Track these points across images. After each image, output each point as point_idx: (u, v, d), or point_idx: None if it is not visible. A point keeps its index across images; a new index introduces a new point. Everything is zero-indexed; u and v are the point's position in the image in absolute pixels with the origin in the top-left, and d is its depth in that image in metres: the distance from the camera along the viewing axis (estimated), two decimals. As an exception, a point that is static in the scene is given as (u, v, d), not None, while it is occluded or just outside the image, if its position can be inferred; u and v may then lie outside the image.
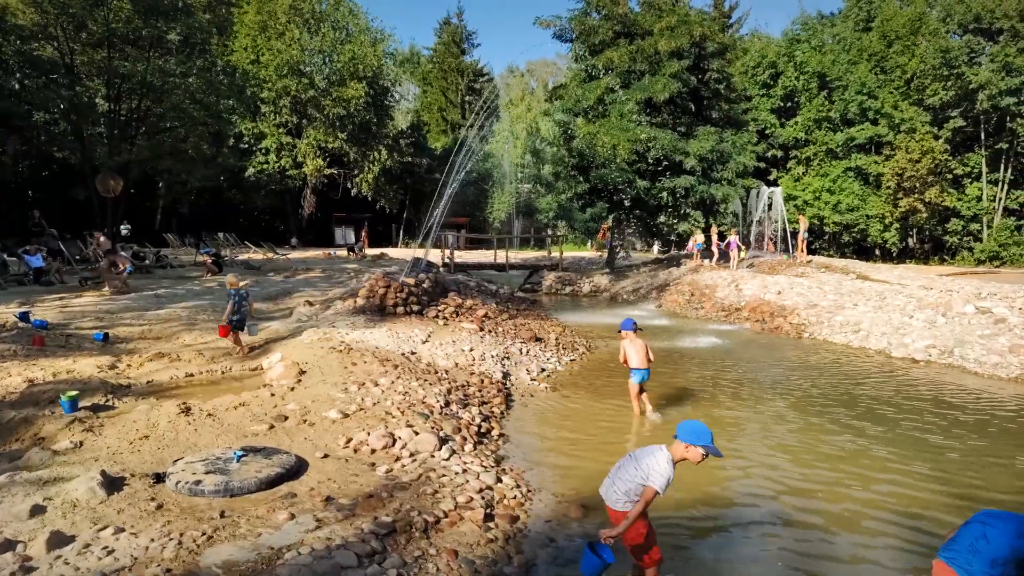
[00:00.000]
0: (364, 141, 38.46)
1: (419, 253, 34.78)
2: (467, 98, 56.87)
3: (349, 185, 39.59)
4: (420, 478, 5.60)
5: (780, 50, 43.21)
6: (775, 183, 40.88)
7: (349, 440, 6.33)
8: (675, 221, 23.35)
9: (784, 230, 23.25)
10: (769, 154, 41.61)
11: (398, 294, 12.71)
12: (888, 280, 17.88)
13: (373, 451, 6.18)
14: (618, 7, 21.18)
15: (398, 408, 7.20)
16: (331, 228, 41.89)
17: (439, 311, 12.81)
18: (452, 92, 57.00)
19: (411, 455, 6.14)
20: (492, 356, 10.38)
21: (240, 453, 5.68)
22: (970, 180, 39.07)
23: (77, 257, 20.27)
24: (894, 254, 41.27)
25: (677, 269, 21.83)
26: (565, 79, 34.98)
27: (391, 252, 34.73)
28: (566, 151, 21.32)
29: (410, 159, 40.70)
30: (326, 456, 6.00)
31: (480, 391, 8.57)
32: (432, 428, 6.72)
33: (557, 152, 22.12)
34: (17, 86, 22.31)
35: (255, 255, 28.17)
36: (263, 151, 36.84)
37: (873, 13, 43.43)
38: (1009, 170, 37.99)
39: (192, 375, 8.68)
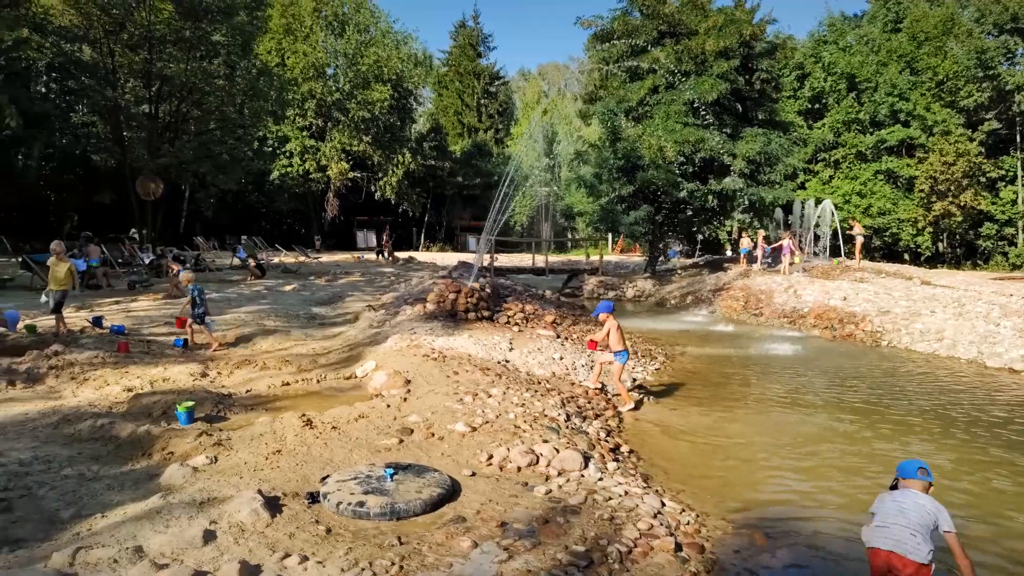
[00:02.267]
0: (388, 144, 38.19)
1: (448, 256, 34.51)
2: (483, 101, 56.58)
3: (372, 188, 39.32)
4: (586, 501, 5.24)
5: (807, 51, 42.84)
6: (803, 186, 40.59)
7: (490, 457, 5.98)
8: (721, 224, 22.95)
9: (836, 236, 22.89)
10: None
11: (468, 299, 12.36)
12: (952, 285, 17.50)
13: (518, 469, 5.83)
14: (664, 6, 20.85)
15: (524, 421, 6.86)
16: (353, 231, 41.62)
17: (509, 317, 12.46)
18: (468, 95, 56.65)
19: (559, 473, 5.79)
20: (582, 365, 10.03)
21: (391, 471, 5.34)
22: (1004, 183, 38.60)
23: (119, 260, 19.99)
24: (922, 259, 40.84)
25: (725, 274, 21.45)
26: (593, 81, 34.72)
27: (418, 255, 34.42)
28: (611, 153, 20.96)
29: (433, 162, 40.42)
30: (473, 474, 5.66)
31: (589, 402, 8.22)
32: (568, 444, 6.37)
33: (600, 154, 21.76)
34: (55, 87, 22.10)
35: (285, 258, 27.89)
36: (287, 154, 36.59)
37: (902, 14, 43.01)
38: (1044, 174, 37.56)
39: (288, 384, 8.35)
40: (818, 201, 38.35)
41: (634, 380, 10.10)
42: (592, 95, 25.44)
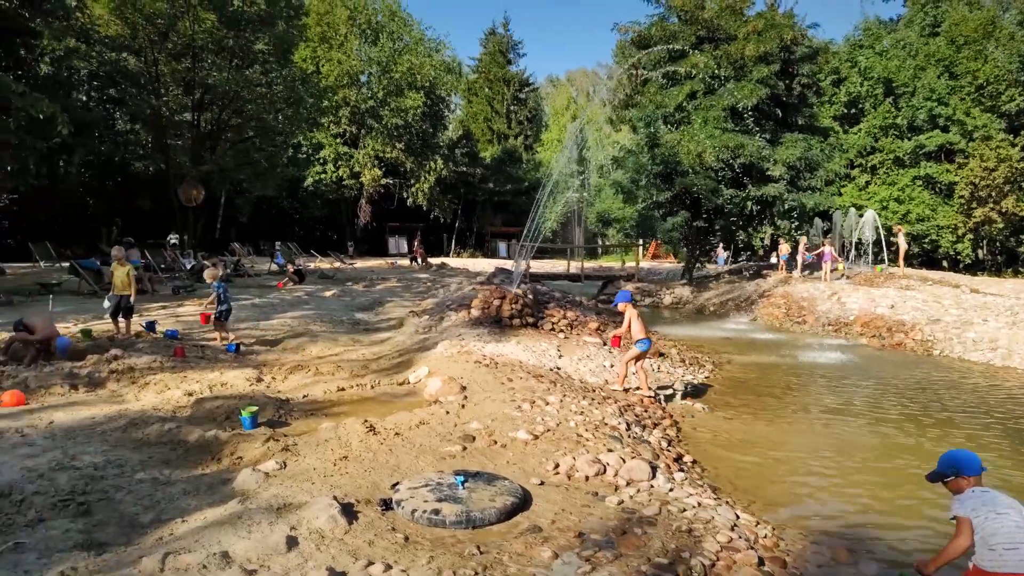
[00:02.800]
0: (420, 151, 38.43)
1: (479, 262, 34.57)
2: (512, 108, 56.72)
3: (404, 195, 39.58)
4: (661, 512, 5.14)
5: (842, 56, 42.25)
6: (839, 191, 39.96)
7: (557, 466, 5.91)
8: (756, 231, 22.67)
9: (879, 245, 22.46)
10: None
11: (513, 305, 12.32)
12: (1002, 293, 17.06)
13: (586, 478, 5.75)
14: (703, 11, 20.70)
15: (586, 430, 6.78)
16: (384, 237, 41.92)
17: (553, 324, 12.39)
18: (498, 102, 56.85)
19: (627, 483, 5.70)
20: (632, 373, 9.90)
21: (461, 479, 5.30)
22: (1047, 190, 37.59)
23: (162, 266, 20.32)
24: (960, 266, 39.92)
25: (764, 281, 21.16)
26: (623, 87, 34.60)
27: (449, 261, 34.53)
28: (649, 158, 20.82)
29: (464, 168, 40.59)
30: (542, 483, 5.59)
31: (646, 411, 8.11)
32: (633, 453, 6.28)
33: (637, 159, 21.63)
34: (95, 95, 22.59)
35: (321, 264, 28.15)
36: (321, 161, 36.98)
37: (940, 18, 42.23)
38: (1090, 179, 36.48)
39: (343, 389, 8.36)
40: (858, 208, 37.98)
41: (686, 386, 9.96)
42: (628, 101, 25.31)
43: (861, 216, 22.83)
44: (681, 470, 6.36)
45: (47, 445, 6.03)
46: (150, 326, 10.94)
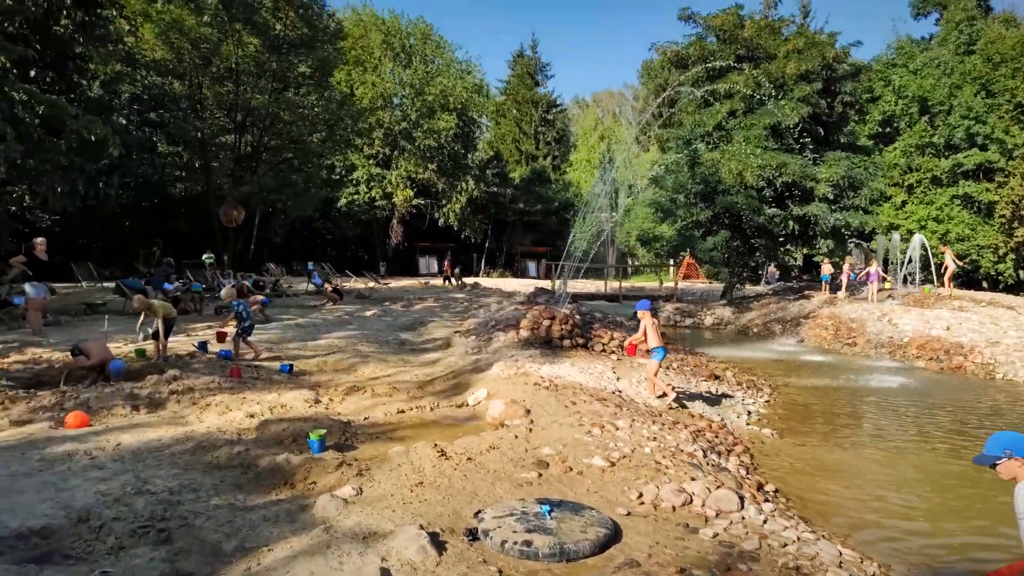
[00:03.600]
0: (451, 171, 38.61)
1: (510, 282, 34.35)
2: (540, 129, 56.89)
3: (436, 215, 39.71)
4: (761, 547, 4.87)
5: (876, 74, 41.78)
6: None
7: (640, 495, 5.67)
8: (794, 250, 22.26)
9: (928, 267, 21.98)
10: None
11: (563, 326, 12.12)
12: (1061, 315, 16.48)
13: (673, 508, 5.50)
14: (742, 30, 20.55)
15: (663, 456, 6.52)
16: (415, 257, 42.00)
17: (604, 345, 12.15)
18: (526, 123, 57.07)
19: (717, 514, 5.44)
20: (695, 396, 9.63)
21: (547, 508, 5.08)
22: (1092, 209, 36.59)
23: (203, 286, 20.44)
24: (1001, 286, 38.90)
25: (808, 301, 20.71)
26: (650, 107, 34.53)
27: (483, 281, 34.42)
28: (689, 177, 20.60)
29: (495, 189, 40.66)
30: (628, 513, 5.35)
31: (716, 436, 7.82)
32: (716, 482, 6.01)
33: (676, 178, 21.41)
34: (135, 119, 22.99)
35: (355, 284, 28.20)
36: (354, 182, 37.29)
37: (975, 36, 41.66)
38: None
39: (403, 412, 8.20)
40: (895, 227, 37.30)
41: (748, 413, 9.65)
42: (666, 120, 25.17)
43: (906, 240, 22.34)
44: (767, 500, 6.07)
45: (117, 468, 5.93)
46: (202, 346, 10.91)
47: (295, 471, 5.88)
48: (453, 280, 31.28)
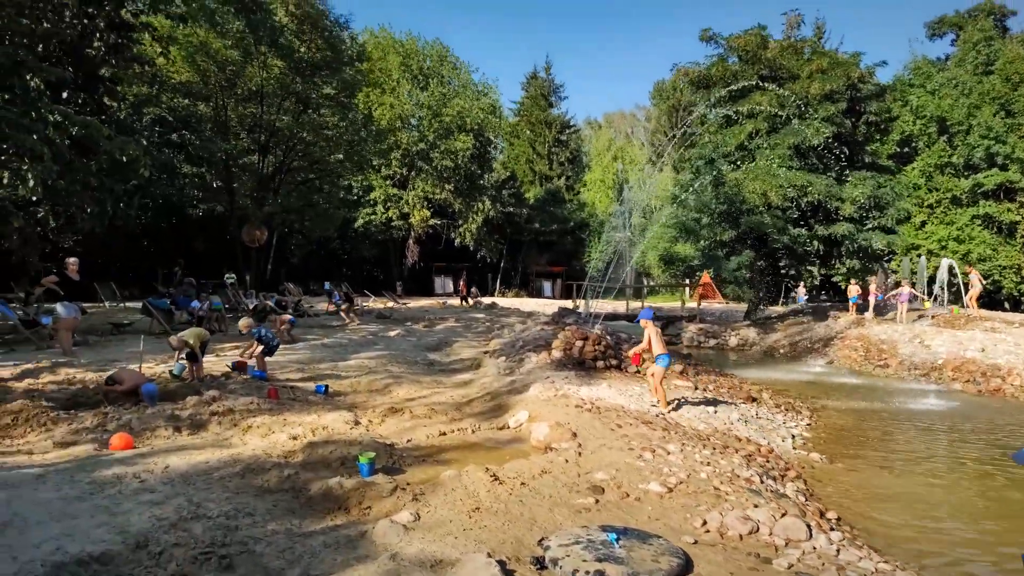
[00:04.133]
0: (467, 192, 38.74)
1: (526, 301, 34.19)
2: (554, 149, 57.13)
3: (452, 235, 39.78)
4: (841, 578, 4.71)
5: (896, 94, 41.72)
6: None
7: (704, 523, 5.51)
8: (822, 270, 22.05)
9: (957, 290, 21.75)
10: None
11: (596, 347, 11.99)
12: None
13: (740, 537, 5.34)
14: (766, 51, 20.57)
15: (720, 482, 6.36)
16: (431, 277, 42.03)
17: (638, 367, 11.98)
18: (540, 144, 57.33)
19: (786, 543, 5.28)
20: (738, 419, 9.46)
21: (613, 536, 4.93)
22: (1114, 228, 36.25)
23: (226, 306, 20.46)
24: (1023, 307, 38.40)
25: (834, 322, 20.46)
26: (661, 128, 34.51)
27: (499, 301, 34.34)
28: (713, 197, 20.53)
29: (511, 209, 40.73)
30: (695, 542, 5.19)
31: (767, 461, 7.64)
32: (780, 510, 5.84)
33: (699, 198, 21.34)
34: (156, 140, 23.19)
35: (374, 304, 28.19)
36: (371, 203, 37.47)
37: (992, 57, 41.58)
38: None
39: (444, 434, 8.08)
40: (915, 247, 37.02)
41: (792, 436, 9.45)
42: (688, 141, 25.18)
43: (931, 261, 22.11)
44: (833, 528, 5.90)
45: (169, 491, 5.83)
46: (235, 367, 10.85)
47: (349, 496, 5.75)
48: (470, 299, 31.23)
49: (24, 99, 12.05)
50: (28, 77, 12.96)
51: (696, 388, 11.03)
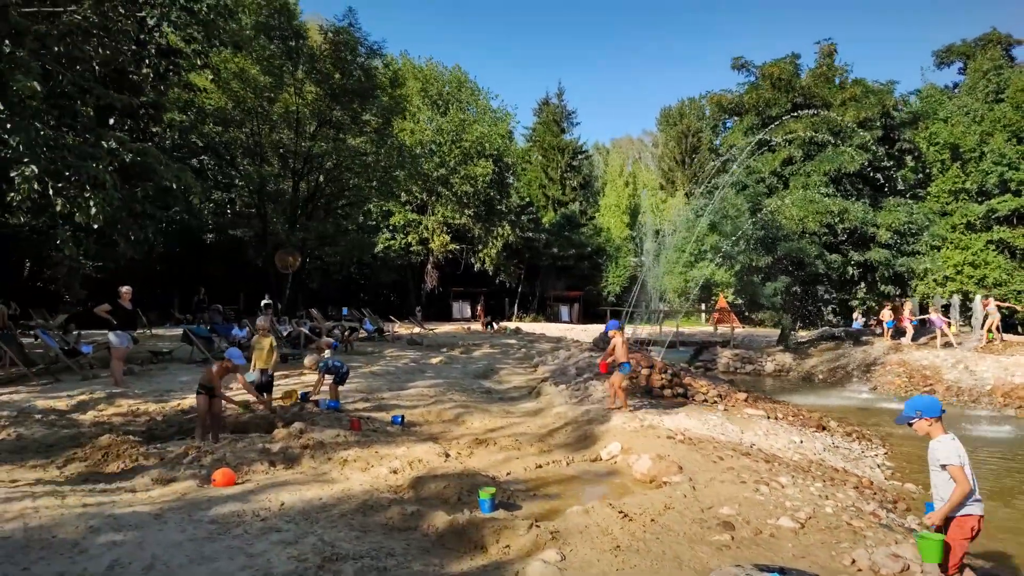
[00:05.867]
0: (486, 217, 38.84)
1: (547, 326, 33.93)
2: (566, 175, 57.44)
3: (471, 260, 39.79)
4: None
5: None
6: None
7: (853, 561, 5.36)
8: (867, 295, 22.04)
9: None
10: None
11: (662, 375, 11.88)
12: None
13: (894, 575, 5.21)
14: (799, 79, 20.77)
15: (850, 517, 6.23)
16: (448, 302, 41.92)
17: (705, 395, 11.88)
18: (553, 169, 57.59)
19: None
20: (823, 448, 9.35)
21: (777, 575, 4.81)
22: None
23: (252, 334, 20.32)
24: (1039, 332, 38.37)
25: (872, 347, 20.37)
26: (669, 153, 34.67)
27: (522, 326, 34.23)
28: (749, 223, 20.58)
29: (530, 234, 40.82)
30: (850, 582, 5.08)
31: (875, 495, 7.51)
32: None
33: (735, 224, 21.37)
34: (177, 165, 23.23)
35: (401, 329, 28.06)
36: (390, 228, 37.53)
37: (1002, 85, 42.05)
38: None
39: (540, 466, 7.95)
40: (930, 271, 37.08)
41: (878, 466, 9.32)
42: (720, 167, 25.29)
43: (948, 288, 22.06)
44: (976, 564, 5.76)
45: (295, 530, 5.69)
46: (304, 397, 10.72)
47: (482, 533, 5.60)
48: (494, 325, 31.14)
49: (86, 125, 12.05)
50: (78, 103, 13.03)
51: (768, 417, 10.91)
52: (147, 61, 15.38)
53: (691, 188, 35.27)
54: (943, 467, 4.44)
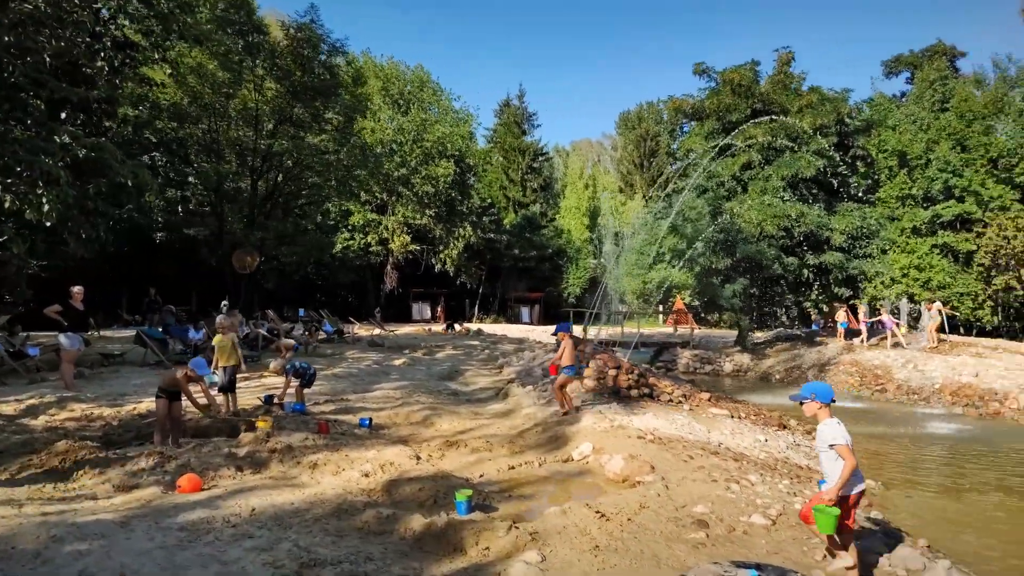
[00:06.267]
0: (448, 218, 38.67)
1: (508, 327, 34.01)
2: (527, 176, 57.59)
3: (432, 261, 39.54)
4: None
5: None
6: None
7: (824, 556, 5.52)
8: (821, 297, 22.66)
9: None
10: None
11: (629, 376, 11.99)
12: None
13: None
14: (758, 86, 21.26)
15: (817, 513, 6.38)
16: (408, 303, 41.55)
17: (670, 395, 12.03)
18: (514, 171, 57.65)
19: (906, 572, 5.33)
20: (786, 447, 9.57)
21: (755, 572, 4.89)
22: (1060, 258, 38.24)
23: (209, 336, 19.80)
24: (974, 332, 40.06)
25: (825, 348, 20.99)
26: (628, 156, 35.15)
27: (483, 327, 34.17)
28: (710, 225, 20.97)
29: (492, 235, 40.78)
30: None
31: (838, 490, 7.71)
32: (885, 540, 5.90)
33: (695, 226, 21.77)
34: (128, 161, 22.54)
35: (361, 331, 27.70)
36: (349, 228, 37.03)
37: (948, 95, 43.77)
38: (1102, 248, 37.20)
39: (513, 468, 7.94)
40: (878, 274, 38.38)
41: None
42: (683, 171, 25.69)
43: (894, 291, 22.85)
44: (942, 557, 5.96)
45: (269, 536, 5.57)
46: (268, 400, 10.49)
47: (462, 536, 5.57)
48: (456, 327, 31.03)
49: (38, 119, 11.57)
50: (30, 95, 12.49)
51: (732, 416, 11.11)
52: (102, 54, 14.86)
53: (649, 191, 35.79)
54: (831, 447, 4.85)
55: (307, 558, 5.13)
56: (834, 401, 5.13)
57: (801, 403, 5.20)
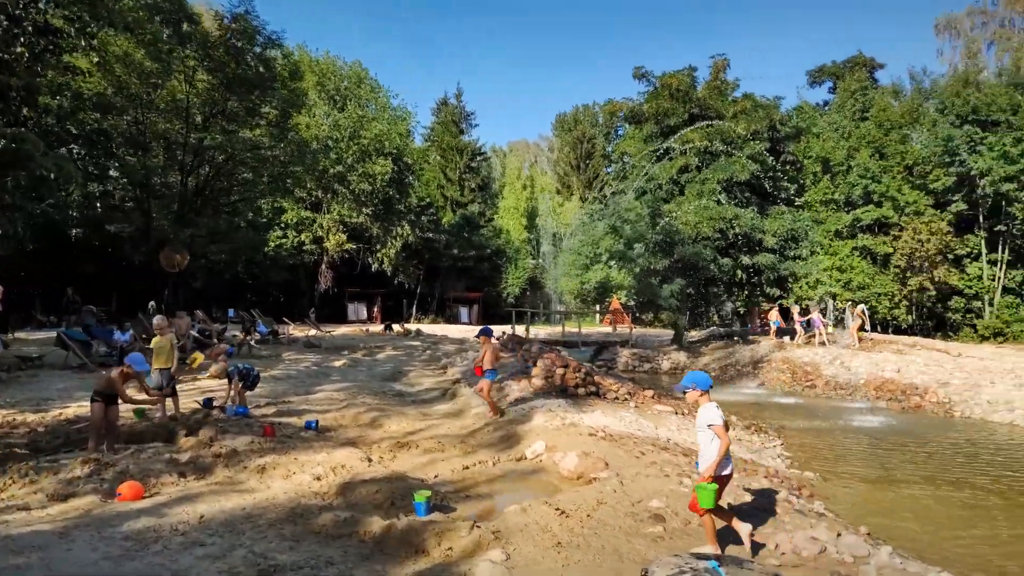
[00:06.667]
0: (385, 216, 38.13)
1: (447, 328, 33.86)
2: (465, 176, 57.46)
3: (369, 260, 38.88)
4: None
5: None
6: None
7: (777, 545, 5.70)
8: (756, 297, 23.48)
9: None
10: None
11: (576, 375, 12.13)
12: (983, 357, 18.25)
13: (815, 556, 5.56)
14: (695, 91, 21.87)
15: (765, 504, 6.61)
16: (343, 303, 40.74)
17: (616, 393, 12.23)
18: (451, 170, 57.41)
19: (853, 559, 5.57)
20: (735, 440, 9.85)
21: (715, 563, 5.01)
22: (970, 260, 40.96)
23: (144, 336, 18.90)
24: (889, 330, 42.46)
25: (758, 346, 21.76)
26: (565, 158, 35.67)
27: (422, 327, 33.83)
28: (649, 227, 21.41)
29: (430, 235, 40.45)
30: (780, 564, 5.38)
31: (783, 483, 8.00)
32: (833, 529, 6.15)
33: (635, 228, 22.18)
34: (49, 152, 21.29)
35: (296, 332, 26.99)
36: (282, 226, 36.04)
37: (867, 104, 46.20)
38: (1006, 251, 40.04)
39: (467, 467, 7.89)
40: (804, 275, 40.20)
41: (780, 457, 9.94)
42: (621, 173, 26.14)
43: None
44: (883, 543, 6.25)
45: (221, 543, 5.35)
46: (207, 403, 10.09)
47: (424, 537, 5.49)
48: (394, 327, 30.65)
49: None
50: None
51: (676, 413, 11.37)
52: (22, 39, 13.97)
53: (586, 193, 36.34)
54: (709, 426, 5.20)
55: (265, 564, 4.95)
56: (712, 387, 5.45)
57: (684, 392, 5.47)
